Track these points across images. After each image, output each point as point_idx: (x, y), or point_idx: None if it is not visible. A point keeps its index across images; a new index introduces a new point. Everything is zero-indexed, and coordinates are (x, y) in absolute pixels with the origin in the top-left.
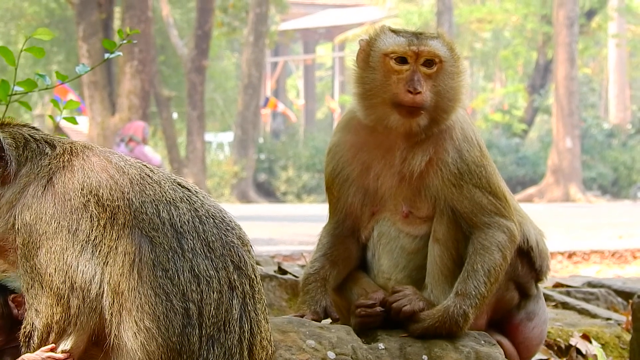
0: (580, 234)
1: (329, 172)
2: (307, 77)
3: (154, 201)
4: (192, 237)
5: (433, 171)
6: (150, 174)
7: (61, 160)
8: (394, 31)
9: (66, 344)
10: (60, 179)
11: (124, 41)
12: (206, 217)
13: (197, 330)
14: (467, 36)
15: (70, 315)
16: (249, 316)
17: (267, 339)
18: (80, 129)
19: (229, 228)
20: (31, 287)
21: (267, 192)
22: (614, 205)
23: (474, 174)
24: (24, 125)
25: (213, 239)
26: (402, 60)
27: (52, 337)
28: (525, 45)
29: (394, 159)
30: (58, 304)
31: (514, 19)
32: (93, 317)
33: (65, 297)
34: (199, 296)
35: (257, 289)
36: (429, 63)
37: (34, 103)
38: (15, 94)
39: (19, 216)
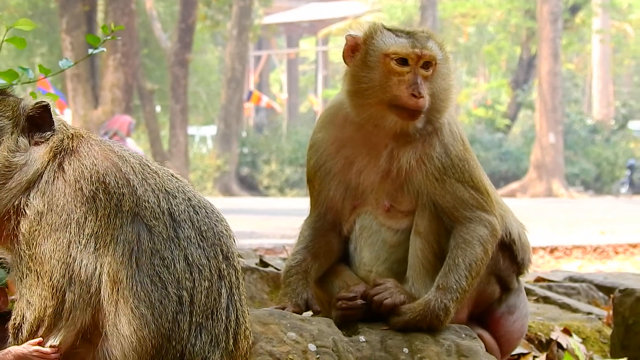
0: (562, 229)
1: (312, 165)
2: (290, 71)
3: (154, 190)
4: (187, 226)
5: (417, 166)
6: (149, 164)
7: (71, 143)
8: (390, 30)
9: (55, 339)
10: (70, 166)
11: (108, 37)
12: (199, 207)
13: (187, 317)
14: (451, 31)
15: (63, 309)
16: (235, 306)
17: (249, 329)
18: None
19: (218, 219)
20: (26, 276)
21: (250, 185)
22: (596, 201)
23: (457, 168)
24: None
25: (205, 228)
26: (403, 61)
27: (41, 330)
28: (509, 40)
29: (379, 156)
30: (52, 297)
31: (498, 14)
32: (88, 312)
33: (62, 290)
34: (192, 284)
35: (240, 281)
36: (426, 65)
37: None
38: None
39: (33, 201)
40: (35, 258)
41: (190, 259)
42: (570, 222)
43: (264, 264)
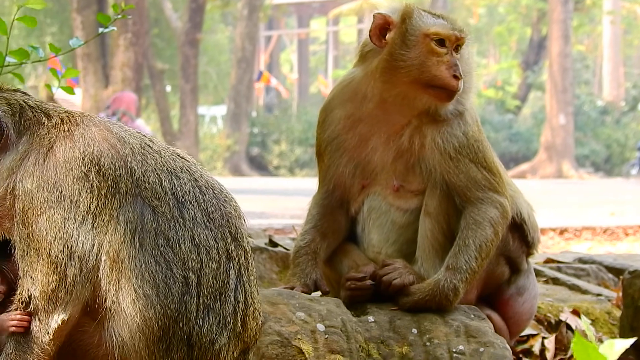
0: (572, 210)
1: (324, 138)
2: (300, 52)
3: (156, 170)
4: (193, 207)
5: (435, 144)
6: (150, 144)
7: (61, 129)
8: (426, 11)
9: (64, 314)
10: (62, 147)
11: (119, 16)
12: (206, 187)
13: (194, 299)
14: (462, 12)
15: (66, 284)
16: (244, 287)
17: (258, 310)
18: (73, 101)
19: (227, 199)
20: (26, 254)
21: (260, 165)
22: (606, 182)
23: (471, 148)
24: (16, 91)
25: (213, 209)
26: (442, 42)
27: (50, 305)
28: (520, 22)
29: (399, 134)
30: (54, 273)
31: None
32: (88, 288)
33: (63, 265)
34: (199, 265)
35: (250, 261)
36: (457, 48)
37: (27, 75)
38: (7, 66)
39: (20, 183)
40: (33, 236)
41: (197, 239)
42: (580, 203)
43: (273, 244)
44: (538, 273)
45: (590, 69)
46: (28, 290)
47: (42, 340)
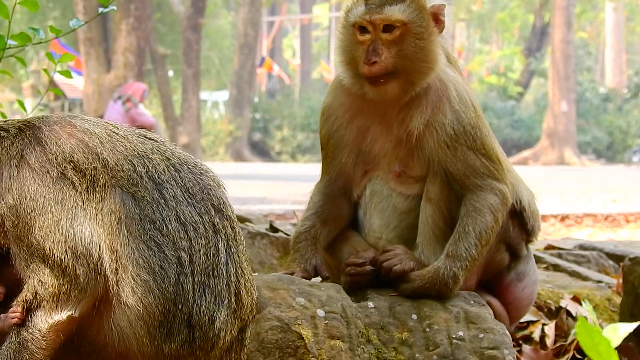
0: (573, 197)
1: (324, 134)
2: (303, 37)
3: (127, 157)
4: (171, 186)
5: (429, 132)
6: (116, 130)
7: (24, 137)
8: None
9: (73, 311)
10: (32, 154)
11: None
12: (179, 164)
13: (190, 278)
14: None
15: (79, 283)
16: (234, 259)
17: (250, 281)
18: (76, 85)
19: (202, 172)
20: (30, 263)
21: (262, 151)
22: (608, 169)
23: (469, 135)
24: None
25: (191, 184)
26: (363, 30)
27: (60, 305)
28: (522, 8)
29: (391, 123)
30: (64, 275)
31: None
32: (100, 281)
33: (71, 267)
34: (189, 243)
35: (237, 230)
36: (388, 29)
37: (29, 59)
38: (9, 48)
39: (2, 200)
40: (32, 247)
41: (182, 218)
42: (582, 190)
43: (274, 229)
44: (538, 259)
45: (593, 55)
46: (35, 292)
47: (42, 329)
